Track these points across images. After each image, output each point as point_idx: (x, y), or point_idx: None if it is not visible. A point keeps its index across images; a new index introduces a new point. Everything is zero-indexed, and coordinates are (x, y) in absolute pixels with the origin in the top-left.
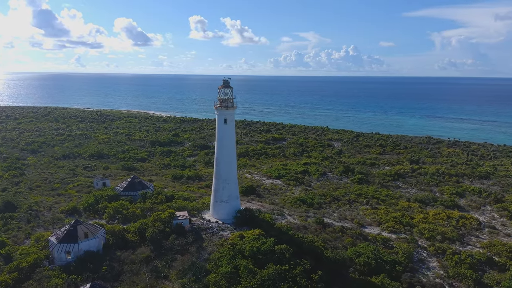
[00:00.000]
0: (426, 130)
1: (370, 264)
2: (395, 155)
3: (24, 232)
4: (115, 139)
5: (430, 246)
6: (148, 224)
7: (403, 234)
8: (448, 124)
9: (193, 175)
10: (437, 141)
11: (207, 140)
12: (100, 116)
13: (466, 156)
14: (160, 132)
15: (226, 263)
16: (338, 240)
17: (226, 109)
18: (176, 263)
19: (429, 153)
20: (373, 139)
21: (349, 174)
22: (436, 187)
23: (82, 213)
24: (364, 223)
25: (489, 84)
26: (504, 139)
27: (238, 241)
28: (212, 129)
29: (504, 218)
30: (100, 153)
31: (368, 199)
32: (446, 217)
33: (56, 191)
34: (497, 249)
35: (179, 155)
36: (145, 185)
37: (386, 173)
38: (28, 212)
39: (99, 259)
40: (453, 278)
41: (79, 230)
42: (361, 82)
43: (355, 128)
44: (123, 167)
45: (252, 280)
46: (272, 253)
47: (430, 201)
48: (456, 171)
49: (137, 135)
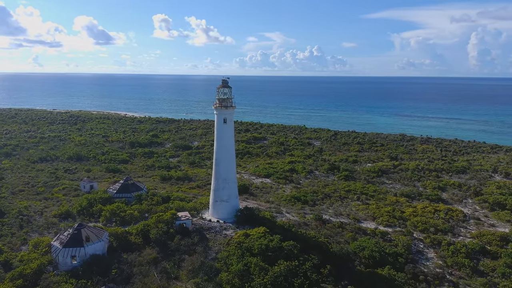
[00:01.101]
0: (398, 128)
1: (374, 257)
2: (373, 152)
3: (19, 238)
4: (92, 140)
5: (426, 238)
6: (150, 225)
7: (398, 227)
8: (416, 122)
9: (182, 175)
10: (410, 138)
11: (187, 141)
12: (71, 118)
13: (440, 152)
14: (138, 133)
15: (236, 261)
16: (339, 235)
17: (226, 108)
18: (186, 263)
19: (405, 150)
20: (350, 137)
21: (335, 172)
22: (418, 182)
23: (76, 216)
24: (359, 218)
25: (447, 83)
26: (471, 136)
27: (244, 240)
28: (190, 129)
29: (486, 210)
30: (79, 156)
31: (357, 195)
32: (433, 210)
33: (42, 195)
34: (487, 238)
35: (162, 156)
36: (139, 187)
37: (370, 170)
38: (19, 218)
39: (106, 262)
40: (451, 267)
41: (84, 234)
42: (326, 82)
43: (329, 127)
44: (107, 169)
45: (265, 277)
46: (280, 250)
47: (416, 195)
48: (435, 167)
49: (114, 136)
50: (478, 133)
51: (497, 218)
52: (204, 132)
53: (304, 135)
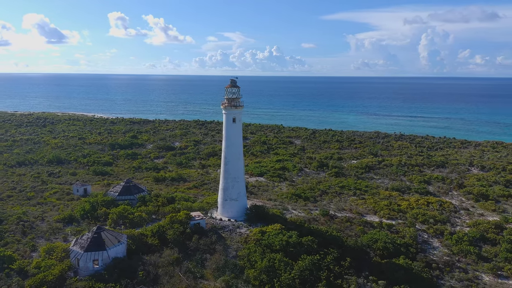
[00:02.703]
0: (369, 126)
1: (388, 248)
2: (353, 149)
3: (25, 244)
4: (68, 143)
5: (429, 228)
6: (165, 226)
7: (399, 220)
8: (384, 120)
9: (176, 176)
10: (385, 135)
11: (168, 141)
12: (38, 120)
13: (415, 148)
14: (115, 135)
15: (260, 258)
16: (349, 229)
17: (236, 108)
18: (209, 262)
19: (383, 147)
20: (329, 135)
21: (324, 169)
22: (404, 177)
23: (80, 220)
24: (361, 212)
25: (401, 82)
26: (437, 132)
27: (261, 237)
28: (167, 130)
29: (471, 201)
30: (59, 159)
31: (352, 190)
32: (426, 203)
33: (34, 200)
34: (484, 227)
35: (146, 157)
36: (141, 189)
37: (358, 166)
38: (20, 224)
39: (129, 265)
40: (458, 255)
41: (104, 237)
42: (287, 82)
43: (303, 126)
44: (94, 172)
45: (292, 272)
46: (301, 245)
47: (405, 189)
48: (416, 162)
49: (91, 138)
50: (443, 130)
51: (483, 208)
52: (183, 133)
53: (283, 134)
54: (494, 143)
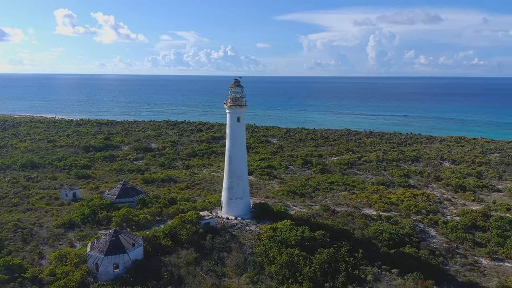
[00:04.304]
0: (336, 124)
1: (394, 239)
2: (329, 147)
3: (31, 252)
4: (38, 146)
5: (423, 219)
6: (177, 227)
7: (393, 212)
8: (348, 118)
9: (165, 177)
10: (356, 132)
11: (144, 143)
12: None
13: (386, 144)
14: (85, 137)
15: (278, 254)
16: (351, 222)
17: (240, 107)
18: (228, 260)
19: (356, 144)
20: (303, 134)
21: (309, 166)
22: (385, 171)
23: (81, 225)
24: (358, 206)
25: (353, 82)
26: (400, 130)
27: (273, 233)
28: (139, 131)
29: (451, 192)
30: (33, 163)
31: (341, 186)
32: (412, 196)
33: (22, 207)
34: (472, 215)
35: (125, 159)
36: (139, 191)
37: (340, 163)
38: (19, 231)
39: (150, 266)
40: (455, 242)
41: (123, 240)
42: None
43: (273, 125)
44: (77, 175)
45: (312, 266)
46: (314, 240)
47: (389, 183)
48: (392, 157)
49: (61, 141)
50: (405, 127)
51: (463, 199)
52: (157, 134)
53: (259, 133)
54: (457, 138)
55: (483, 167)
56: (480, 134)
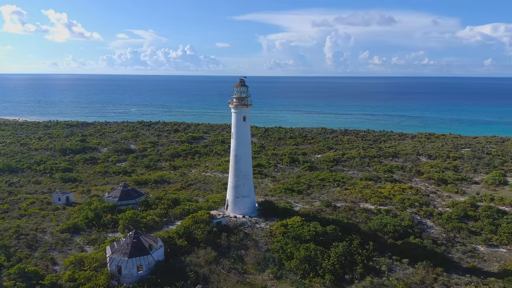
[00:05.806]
0: (309, 123)
1: (398, 231)
2: (309, 145)
3: (42, 258)
4: (12, 150)
5: (419, 211)
6: (190, 227)
7: (389, 205)
8: (318, 117)
9: (158, 179)
10: (331, 131)
11: (123, 144)
12: None
13: (362, 142)
14: (58, 139)
15: (295, 249)
16: (354, 217)
17: (246, 106)
18: (248, 258)
19: (334, 141)
20: (281, 133)
21: (297, 164)
22: (369, 167)
23: (86, 229)
24: (354, 201)
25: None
26: (371, 127)
27: (285, 230)
28: (114, 132)
29: (433, 185)
30: (10, 167)
31: (332, 182)
32: (401, 189)
33: (14, 212)
34: (462, 206)
35: (107, 161)
36: (140, 192)
37: (326, 160)
38: (22, 238)
39: (173, 267)
40: (452, 231)
41: (144, 241)
42: (204, 81)
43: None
44: (62, 179)
45: (330, 259)
46: (327, 234)
47: (376, 178)
48: (373, 154)
49: (35, 144)
50: (374, 125)
51: (447, 191)
52: (134, 135)
53: None
54: (427, 134)
55: (457, 161)
56: (444, 131)
